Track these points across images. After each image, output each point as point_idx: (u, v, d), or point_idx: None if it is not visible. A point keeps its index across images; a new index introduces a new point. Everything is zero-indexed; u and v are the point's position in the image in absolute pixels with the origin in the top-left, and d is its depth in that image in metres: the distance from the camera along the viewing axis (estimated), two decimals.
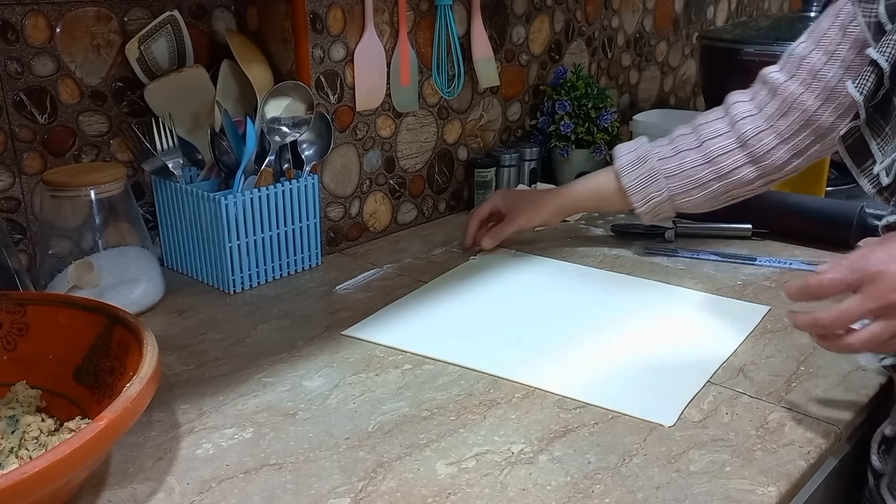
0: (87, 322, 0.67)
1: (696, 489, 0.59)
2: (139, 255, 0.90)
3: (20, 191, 0.91)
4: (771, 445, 0.64)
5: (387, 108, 1.12)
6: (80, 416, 0.64)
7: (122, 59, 0.95)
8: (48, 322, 0.69)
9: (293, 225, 0.99)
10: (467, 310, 0.91)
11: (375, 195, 1.14)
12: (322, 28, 1.01)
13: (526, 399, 0.72)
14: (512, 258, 1.06)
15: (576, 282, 0.99)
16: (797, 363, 0.78)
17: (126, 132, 0.98)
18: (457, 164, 1.26)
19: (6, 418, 0.64)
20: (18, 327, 0.69)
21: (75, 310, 0.69)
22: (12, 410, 0.65)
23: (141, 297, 0.89)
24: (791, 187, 1.21)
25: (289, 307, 0.92)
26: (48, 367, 0.68)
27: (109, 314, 0.67)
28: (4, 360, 0.69)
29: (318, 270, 1.03)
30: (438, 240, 1.15)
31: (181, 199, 0.96)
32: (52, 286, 0.85)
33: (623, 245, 1.12)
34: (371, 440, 0.66)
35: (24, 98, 0.89)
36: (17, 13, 0.86)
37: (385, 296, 0.94)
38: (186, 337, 0.84)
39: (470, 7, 1.20)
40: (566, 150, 1.33)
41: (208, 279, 0.97)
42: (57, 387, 0.67)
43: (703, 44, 1.52)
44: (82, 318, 0.68)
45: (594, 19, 1.48)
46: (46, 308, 0.70)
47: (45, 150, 0.92)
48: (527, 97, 1.36)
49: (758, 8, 2.07)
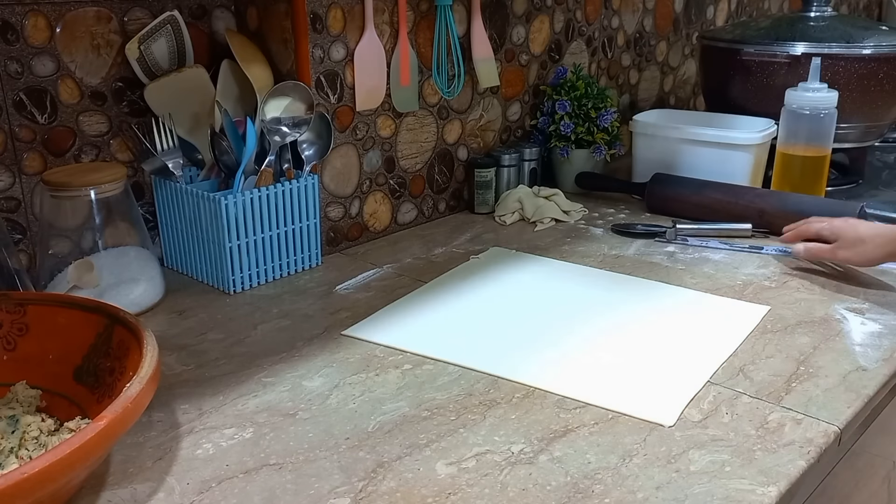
0: (87, 322, 0.67)
1: (696, 489, 0.59)
2: (139, 255, 0.90)
3: (20, 191, 0.91)
4: (771, 445, 0.64)
5: (387, 108, 1.12)
6: (80, 416, 0.64)
7: (122, 59, 0.95)
8: (48, 322, 0.69)
9: (293, 225, 0.99)
10: (467, 310, 0.91)
11: (375, 195, 1.14)
12: (322, 28, 1.01)
13: (526, 399, 0.72)
14: (512, 258, 1.06)
15: (576, 282, 0.99)
16: (797, 363, 0.78)
17: (126, 132, 0.98)
18: (457, 165, 1.26)
19: (6, 418, 0.64)
20: (18, 327, 0.69)
21: (75, 310, 0.69)
22: (12, 410, 0.65)
23: (141, 297, 0.89)
24: (791, 187, 1.21)
25: (289, 307, 0.92)
26: (48, 367, 0.68)
27: (109, 314, 0.67)
28: (4, 360, 0.69)
29: (318, 270, 1.03)
30: (438, 240, 1.15)
31: (181, 199, 0.96)
32: (52, 286, 0.85)
33: (623, 245, 1.12)
34: (371, 440, 0.66)
35: (24, 98, 0.89)
36: (17, 13, 0.86)
37: (385, 296, 0.94)
38: (186, 337, 0.84)
39: (470, 7, 1.20)
40: (566, 150, 1.33)
41: (208, 279, 0.97)
42: (57, 387, 0.67)
43: (703, 44, 1.52)
44: (82, 318, 0.68)
45: (594, 19, 1.48)
46: (46, 308, 0.70)
47: (45, 150, 0.92)
48: (527, 97, 1.36)
49: (758, 8, 2.07)
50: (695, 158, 1.29)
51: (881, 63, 1.31)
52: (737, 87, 1.43)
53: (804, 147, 1.21)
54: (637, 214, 1.25)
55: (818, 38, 1.35)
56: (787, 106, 1.21)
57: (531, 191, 1.26)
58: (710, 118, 1.41)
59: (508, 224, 1.21)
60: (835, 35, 1.35)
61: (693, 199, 1.21)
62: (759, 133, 1.26)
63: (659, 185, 1.26)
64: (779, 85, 1.29)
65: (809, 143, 1.21)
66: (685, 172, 1.28)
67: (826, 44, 1.33)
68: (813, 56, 1.24)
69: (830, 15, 1.43)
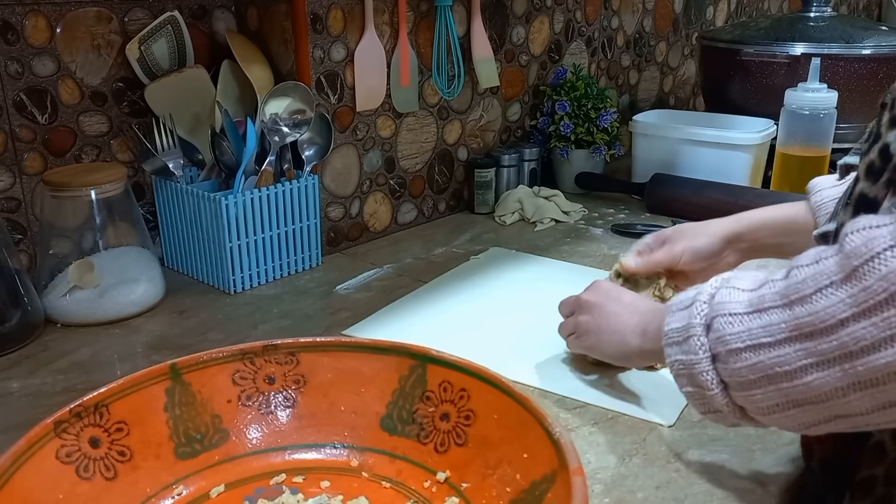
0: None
1: (696, 489, 0.59)
2: (139, 255, 0.90)
3: (20, 191, 0.91)
4: (771, 445, 0.64)
5: (387, 109, 1.12)
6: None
7: (122, 60, 0.95)
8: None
9: (293, 225, 1.00)
10: (467, 310, 0.91)
11: (375, 195, 1.14)
12: (322, 28, 1.01)
13: None
14: (512, 258, 1.06)
15: (576, 282, 0.98)
16: None
17: (126, 132, 0.98)
18: (457, 165, 1.26)
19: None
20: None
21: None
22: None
23: (141, 297, 0.89)
24: (790, 187, 1.21)
25: (289, 307, 0.92)
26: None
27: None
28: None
29: (319, 270, 1.03)
30: (438, 240, 1.15)
31: (181, 199, 0.96)
32: (53, 286, 0.85)
33: (623, 245, 1.12)
34: None
35: (24, 98, 0.89)
36: (18, 13, 0.86)
37: (385, 296, 0.94)
38: (187, 337, 0.84)
39: (470, 7, 1.20)
40: (566, 150, 1.33)
41: (209, 279, 0.97)
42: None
43: (702, 44, 1.53)
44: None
45: (594, 20, 1.48)
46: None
47: (46, 151, 0.92)
48: (527, 97, 1.36)
49: (757, 8, 2.07)
50: (694, 159, 1.29)
51: (881, 63, 1.32)
52: (736, 88, 1.43)
53: (804, 147, 1.21)
54: (637, 214, 1.25)
55: (818, 38, 1.36)
56: (787, 106, 1.22)
57: (531, 191, 1.26)
58: (710, 118, 1.42)
59: (508, 224, 1.21)
60: (834, 35, 1.35)
61: (693, 199, 1.21)
62: (758, 133, 1.26)
63: (659, 186, 1.26)
64: (778, 85, 1.29)
65: (809, 143, 1.21)
66: (685, 173, 1.28)
67: (826, 44, 1.33)
68: (812, 56, 1.24)
69: (830, 15, 1.43)
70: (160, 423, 0.59)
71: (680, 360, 0.53)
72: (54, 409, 0.55)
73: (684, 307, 0.53)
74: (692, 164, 1.28)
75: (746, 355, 0.47)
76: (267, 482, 0.59)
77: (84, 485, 0.54)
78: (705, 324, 0.51)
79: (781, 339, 0.46)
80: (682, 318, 0.53)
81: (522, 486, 0.53)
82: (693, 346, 0.51)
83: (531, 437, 0.54)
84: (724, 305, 0.50)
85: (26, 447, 0.51)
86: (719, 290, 0.51)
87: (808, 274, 0.45)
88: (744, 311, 0.48)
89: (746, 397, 0.49)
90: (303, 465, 0.61)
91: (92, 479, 0.54)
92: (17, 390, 0.73)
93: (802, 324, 0.44)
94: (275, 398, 0.63)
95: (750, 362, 0.47)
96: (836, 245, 0.44)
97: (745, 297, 0.49)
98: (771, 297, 0.47)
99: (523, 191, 1.25)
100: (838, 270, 0.43)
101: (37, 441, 0.52)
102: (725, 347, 0.49)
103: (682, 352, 0.52)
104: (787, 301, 0.46)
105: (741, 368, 0.48)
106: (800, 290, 0.45)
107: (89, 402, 0.56)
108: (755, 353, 0.47)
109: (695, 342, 0.51)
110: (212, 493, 0.58)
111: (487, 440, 0.58)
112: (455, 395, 0.60)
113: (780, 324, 0.46)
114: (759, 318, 0.47)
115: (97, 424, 0.56)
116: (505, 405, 0.57)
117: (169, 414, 0.59)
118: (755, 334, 0.47)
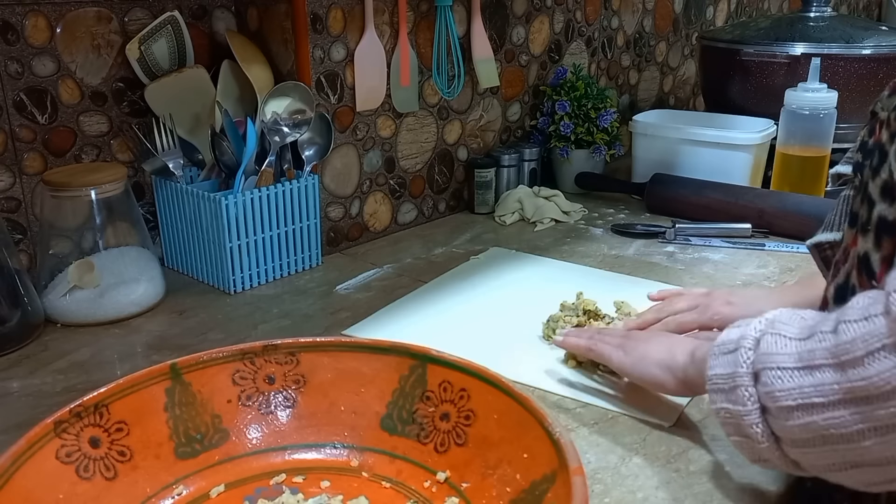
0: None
1: (696, 489, 0.59)
2: (139, 255, 0.90)
3: (20, 191, 0.91)
4: None
5: (387, 109, 1.12)
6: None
7: (122, 60, 0.95)
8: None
9: (293, 225, 1.00)
10: (467, 310, 0.91)
11: (375, 195, 1.14)
12: (322, 28, 1.01)
13: None
14: (512, 258, 1.06)
15: (576, 282, 0.99)
16: None
17: (126, 132, 0.98)
18: (457, 165, 1.26)
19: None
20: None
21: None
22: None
23: (141, 297, 0.89)
24: (790, 187, 1.21)
25: (289, 307, 0.92)
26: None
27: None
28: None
29: (319, 270, 1.03)
30: (438, 240, 1.15)
31: (181, 199, 0.96)
32: (53, 286, 0.85)
33: (623, 245, 1.12)
34: None
35: (24, 98, 0.89)
36: (18, 13, 0.86)
37: (385, 296, 0.94)
38: (187, 337, 0.84)
39: (470, 7, 1.20)
40: (566, 150, 1.33)
41: (209, 279, 0.97)
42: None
43: (702, 44, 1.53)
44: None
45: (594, 20, 1.48)
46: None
47: (46, 151, 0.92)
48: (527, 97, 1.36)
49: (757, 8, 2.07)
50: (694, 159, 1.29)
51: (881, 63, 1.32)
52: (736, 88, 1.43)
53: (804, 147, 1.21)
54: (637, 214, 1.25)
55: (818, 38, 1.36)
56: (787, 106, 1.22)
57: (531, 191, 1.26)
58: (710, 118, 1.42)
59: (508, 224, 1.21)
60: (834, 35, 1.35)
61: (693, 199, 1.21)
62: (758, 133, 1.26)
63: (659, 186, 1.26)
64: (778, 85, 1.29)
65: (809, 143, 1.21)
66: (685, 173, 1.28)
67: (826, 44, 1.33)
68: (812, 56, 1.24)
69: (830, 15, 1.43)
70: (160, 423, 0.59)
71: (726, 408, 0.51)
72: (54, 409, 0.55)
73: (728, 351, 0.51)
74: (692, 164, 1.28)
75: (798, 414, 0.46)
76: (267, 482, 0.59)
77: (84, 485, 0.54)
78: (752, 372, 0.49)
79: (835, 400, 0.44)
80: (726, 363, 0.51)
81: (522, 486, 0.53)
82: (741, 396, 0.49)
83: (531, 437, 0.54)
84: (771, 358, 0.48)
85: (26, 447, 0.51)
86: (764, 336, 0.49)
87: (857, 334, 0.43)
88: (793, 365, 0.46)
89: (801, 454, 0.48)
90: (303, 465, 0.61)
91: (92, 479, 0.54)
92: (17, 390, 0.73)
93: (856, 388, 0.43)
94: (275, 398, 0.63)
95: (802, 421, 0.46)
96: (884, 299, 0.43)
97: (793, 348, 0.47)
98: (822, 355, 0.45)
99: (523, 191, 1.25)
100: (888, 334, 0.42)
101: (37, 441, 0.52)
102: (776, 404, 0.47)
103: (729, 401, 0.50)
104: (839, 362, 0.44)
105: (793, 427, 0.46)
106: (850, 352, 0.43)
107: (89, 402, 0.56)
108: (807, 413, 0.45)
109: (742, 393, 0.49)
110: (212, 493, 0.58)
111: (487, 440, 0.58)
112: (455, 395, 0.60)
113: (833, 384, 0.44)
114: (810, 376, 0.45)
115: (97, 424, 0.56)
116: (505, 405, 0.57)
117: (169, 414, 0.59)
118: (807, 393, 0.45)
